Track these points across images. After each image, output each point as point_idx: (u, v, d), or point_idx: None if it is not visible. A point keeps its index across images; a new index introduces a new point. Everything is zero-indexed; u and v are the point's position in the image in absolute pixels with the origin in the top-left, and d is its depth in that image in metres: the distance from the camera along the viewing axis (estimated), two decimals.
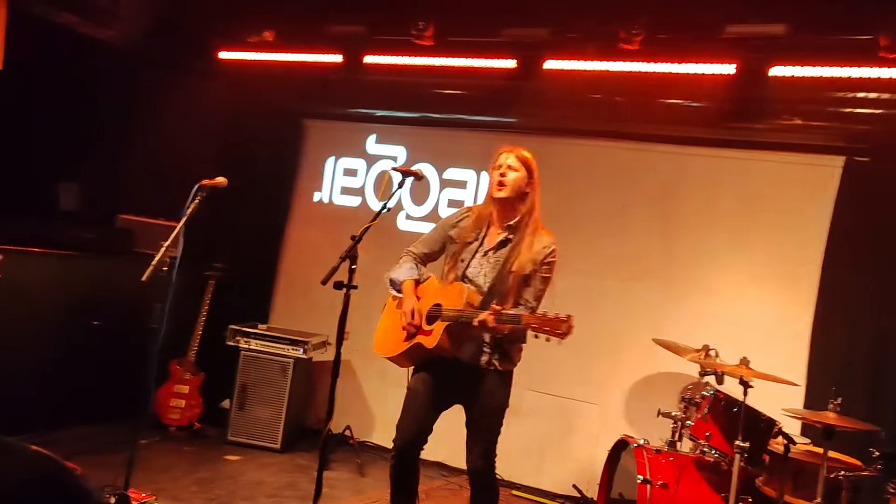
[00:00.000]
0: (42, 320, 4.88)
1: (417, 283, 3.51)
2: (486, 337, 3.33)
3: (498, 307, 3.12)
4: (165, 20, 5.85)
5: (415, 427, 3.44)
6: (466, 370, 3.38)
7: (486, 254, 3.41)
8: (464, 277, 3.40)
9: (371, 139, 6.18)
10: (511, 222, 3.39)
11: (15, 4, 4.95)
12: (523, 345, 3.49)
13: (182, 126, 5.98)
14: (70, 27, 5.36)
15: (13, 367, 4.49)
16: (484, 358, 3.37)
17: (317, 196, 6.36)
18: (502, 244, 3.40)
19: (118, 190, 5.97)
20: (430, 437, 3.50)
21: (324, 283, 3.04)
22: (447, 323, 3.24)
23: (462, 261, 3.43)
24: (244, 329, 5.54)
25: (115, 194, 5.93)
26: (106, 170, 5.93)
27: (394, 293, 3.51)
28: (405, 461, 3.50)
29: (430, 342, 3.27)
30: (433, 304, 3.36)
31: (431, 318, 3.33)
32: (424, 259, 3.61)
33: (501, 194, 3.35)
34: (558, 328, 2.93)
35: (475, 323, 3.13)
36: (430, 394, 3.44)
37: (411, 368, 3.55)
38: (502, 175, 3.35)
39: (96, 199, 5.91)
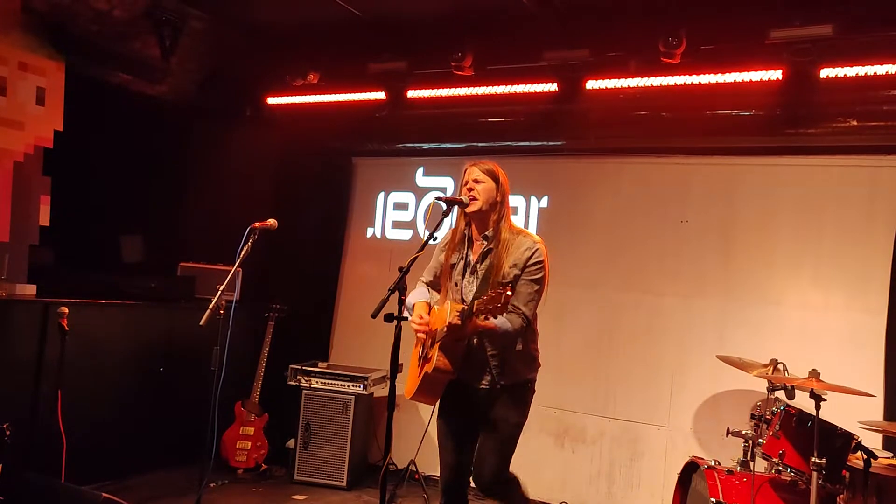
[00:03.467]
0: (109, 370, 5.01)
1: (431, 308, 3.49)
2: (490, 356, 3.30)
3: (462, 307, 3.10)
4: (214, 72, 6.06)
5: (451, 463, 3.46)
6: (475, 393, 3.36)
7: (473, 270, 3.39)
8: (462, 300, 3.39)
9: (419, 172, 6.23)
10: (488, 232, 3.37)
11: (72, 67, 5.18)
12: (537, 355, 3.44)
13: (236, 172, 6.15)
14: (125, 85, 5.58)
15: (84, 417, 4.60)
16: (487, 378, 3.33)
17: (369, 231, 6.42)
18: (484, 256, 3.36)
19: (179, 239, 6.14)
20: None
21: (374, 316, 3.05)
22: (439, 343, 3.23)
23: (455, 284, 3.44)
24: (305, 368, 5.59)
25: (176, 243, 6.10)
26: (166, 220, 6.11)
27: (409, 316, 3.47)
28: (450, 498, 3.51)
29: (430, 366, 3.25)
30: (434, 329, 3.36)
31: (432, 344, 3.33)
32: (433, 285, 3.60)
33: (475, 207, 3.32)
34: (498, 301, 2.88)
35: (446, 329, 3.12)
36: (451, 427, 3.46)
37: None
38: (471, 189, 3.33)
39: (158, 249, 6.09)
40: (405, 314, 3.31)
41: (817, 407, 3.59)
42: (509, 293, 2.88)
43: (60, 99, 5.16)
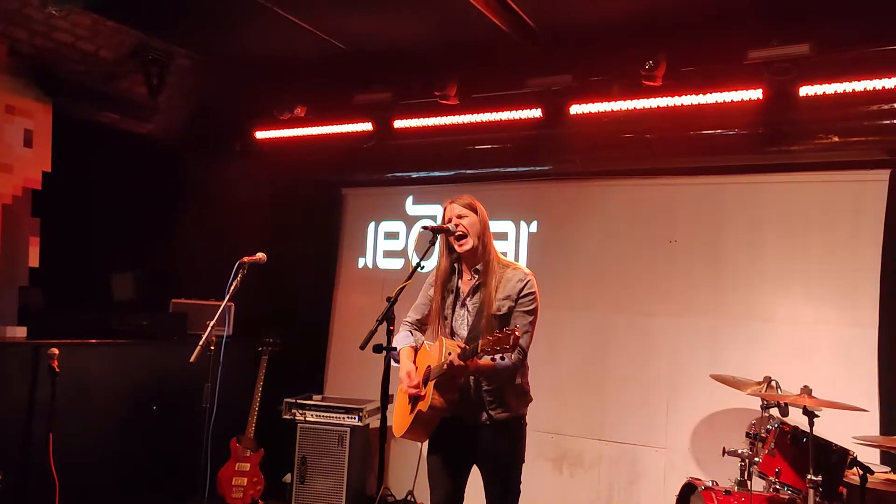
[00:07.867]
0: (102, 409, 4.97)
1: (416, 350, 3.47)
2: (485, 391, 3.28)
3: (461, 346, 3.10)
4: (202, 108, 6.10)
5: (442, 499, 3.39)
6: (470, 429, 3.31)
7: (464, 304, 3.39)
8: (452, 333, 3.38)
9: (409, 201, 6.25)
10: (478, 266, 3.36)
11: (59, 108, 5.21)
12: (528, 389, 3.41)
13: (227, 206, 6.16)
14: (113, 124, 5.61)
15: (76, 458, 4.57)
16: (483, 414, 3.29)
17: (361, 262, 6.43)
18: (475, 290, 3.35)
19: (170, 275, 6.13)
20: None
21: (362, 347, 3.04)
22: (434, 381, 3.19)
23: (445, 318, 3.42)
24: (299, 401, 5.57)
25: (168, 279, 6.10)
26: (157, 256, 6.11)
27: (395, 364, 3.42)
28: None
29: (424, 405, 3.20)
30: (425, 367, 3.31)
31: (425, 382, 3.27)
32: (419, 325, 3.57)
33: (467, 245, 3.32)
34: (507, 342, 2.89)
35: (446, 368, 3.09)
36: (443, 462, 3.39)
37: None
38: (458, 227, 3.32)
39: (149, 286, 6.08)
40: (393, 363, 3.28)
41: (811, 423, 3.59)
42: (517, 334, 2.89)
43: (48, 140, 5.18)
